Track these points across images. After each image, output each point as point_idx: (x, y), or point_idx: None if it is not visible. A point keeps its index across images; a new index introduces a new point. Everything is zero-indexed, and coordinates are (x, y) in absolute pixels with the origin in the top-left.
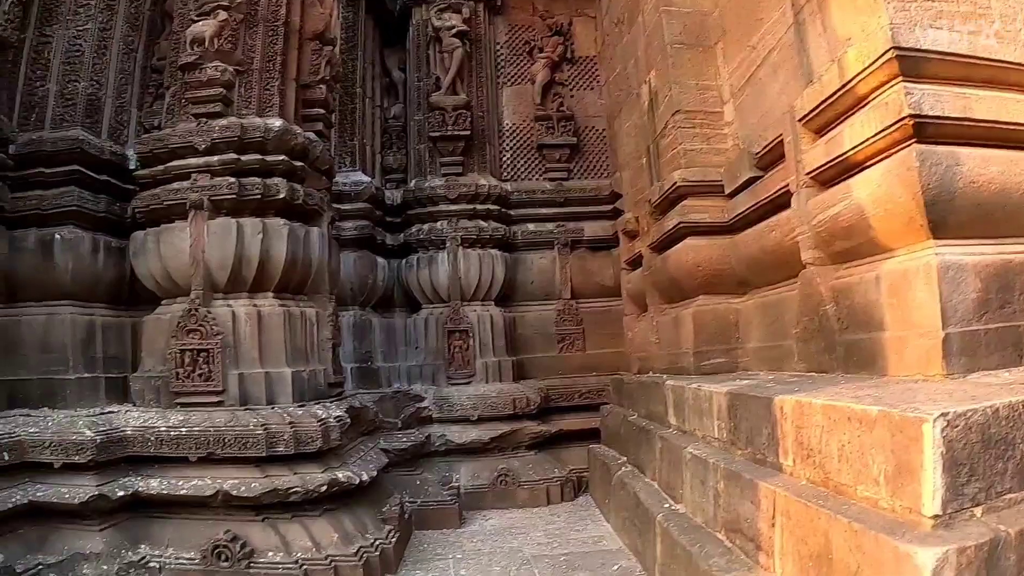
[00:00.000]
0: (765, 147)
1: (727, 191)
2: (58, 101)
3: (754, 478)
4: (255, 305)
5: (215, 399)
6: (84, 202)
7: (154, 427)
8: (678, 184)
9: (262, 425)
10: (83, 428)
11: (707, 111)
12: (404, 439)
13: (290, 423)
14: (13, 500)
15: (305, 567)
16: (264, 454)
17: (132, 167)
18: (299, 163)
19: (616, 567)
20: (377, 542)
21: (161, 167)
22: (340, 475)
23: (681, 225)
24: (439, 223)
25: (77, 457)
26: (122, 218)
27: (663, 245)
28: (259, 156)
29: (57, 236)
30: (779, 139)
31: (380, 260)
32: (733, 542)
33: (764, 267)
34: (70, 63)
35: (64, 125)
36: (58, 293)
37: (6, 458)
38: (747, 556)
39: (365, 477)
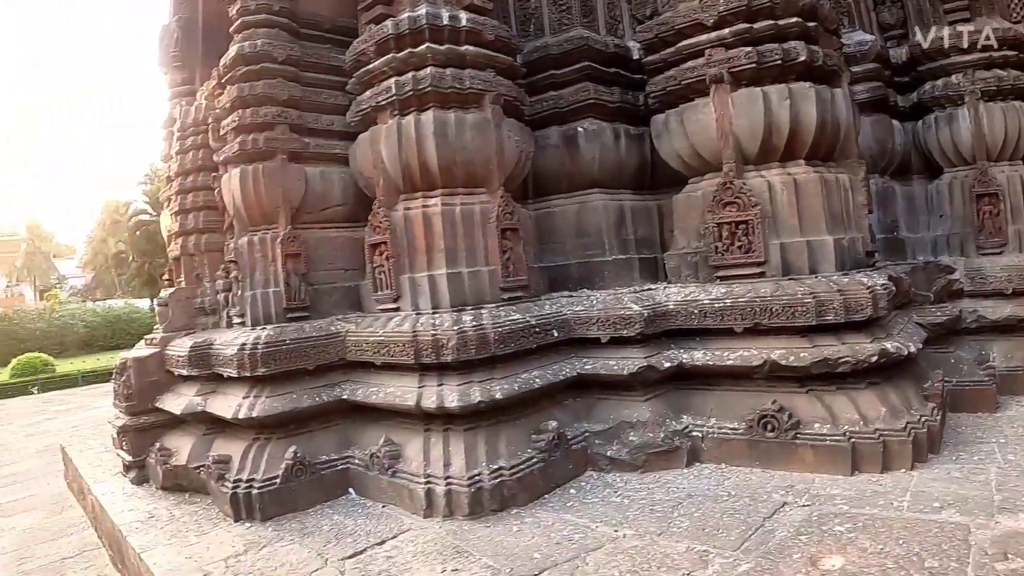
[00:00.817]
0: None
1: None
2: (551, 8)
3: None
4: (788, 173)
5: (756, 270)
6: (600, 95)
7: (696, 300)
8: None
9: (810, 293)
10: (630, 303)
11: None
12: (937, 313)
13: (838, 291)
14: (563, 373)
15: (853, 440)
16: (813, 323)
17: (635, 57)
18: (811, 24)
19: None
20: (923, 419)
21: (671, 49)
22: (888, 346)
23: None
24: (953, 77)
25: (625, 331)
26: (635, 106)
27: None
28: (771, 22)
29: (580, 129)
30: None
31: (896, 123)
32: None
33: None
34: None
35: (563, 28)
36: (585, 182)
37: (555, 335)
38: None
39: (912, 349)
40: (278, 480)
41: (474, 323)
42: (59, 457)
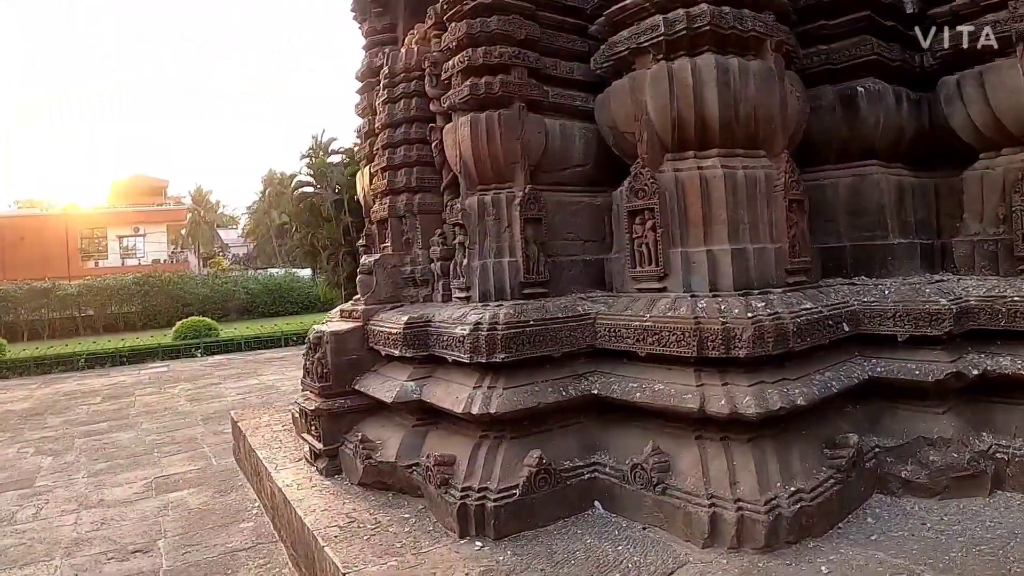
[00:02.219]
0: None
1: None
2: None
3: None
4: None
5: None
6: (881, 51)
7: (1003, 296)
8: None
9: None
10: (935, 296)
11: None
12: None
13: None
14: (855, 376)
15: None
16: None
17: (908, 11)
18: None
19: None
20: None
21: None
22: None
23: None
24: None
25: (929, 329)
26: (911, 66)
27: None
28: None
29: (860, 89)
30: None
31: None
32: None
33: None
34: None
35: None
36: (861, 152)
37: (845, 330)
38: None
39: None
40: (517, 491)
41: (768, 311)
42: (226, 426)
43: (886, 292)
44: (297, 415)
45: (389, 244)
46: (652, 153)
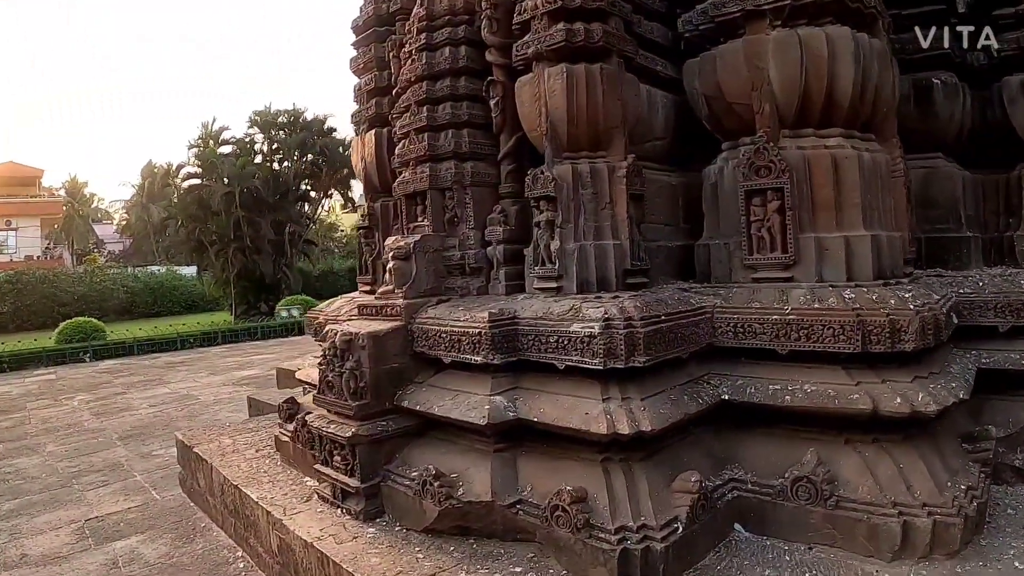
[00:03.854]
0: None
1: None
2: None
3: None
4: None
5: None
6: (953, 45)
7: None
8: None
9: None
10: None
11: None
12: None
13: None
14: (970, 367)
15: None
16: None
17: (960, 10)
18: None
19: None
20: None
21: None
22: None
23: None
24: None
25: None
26: (968, 63)
27: None
28: None
29: (936, 81)
30: None
31: None
32: None
33: None
34: None
35: None
36: (930, 144)
37: (954, 320)
38: None
39: None
40: (680, 524)
41: (921, 302)
42: (153, 447)
43: (981, 284)
44: (287, 439)
45: (428, 224)
46: (773, 128)
